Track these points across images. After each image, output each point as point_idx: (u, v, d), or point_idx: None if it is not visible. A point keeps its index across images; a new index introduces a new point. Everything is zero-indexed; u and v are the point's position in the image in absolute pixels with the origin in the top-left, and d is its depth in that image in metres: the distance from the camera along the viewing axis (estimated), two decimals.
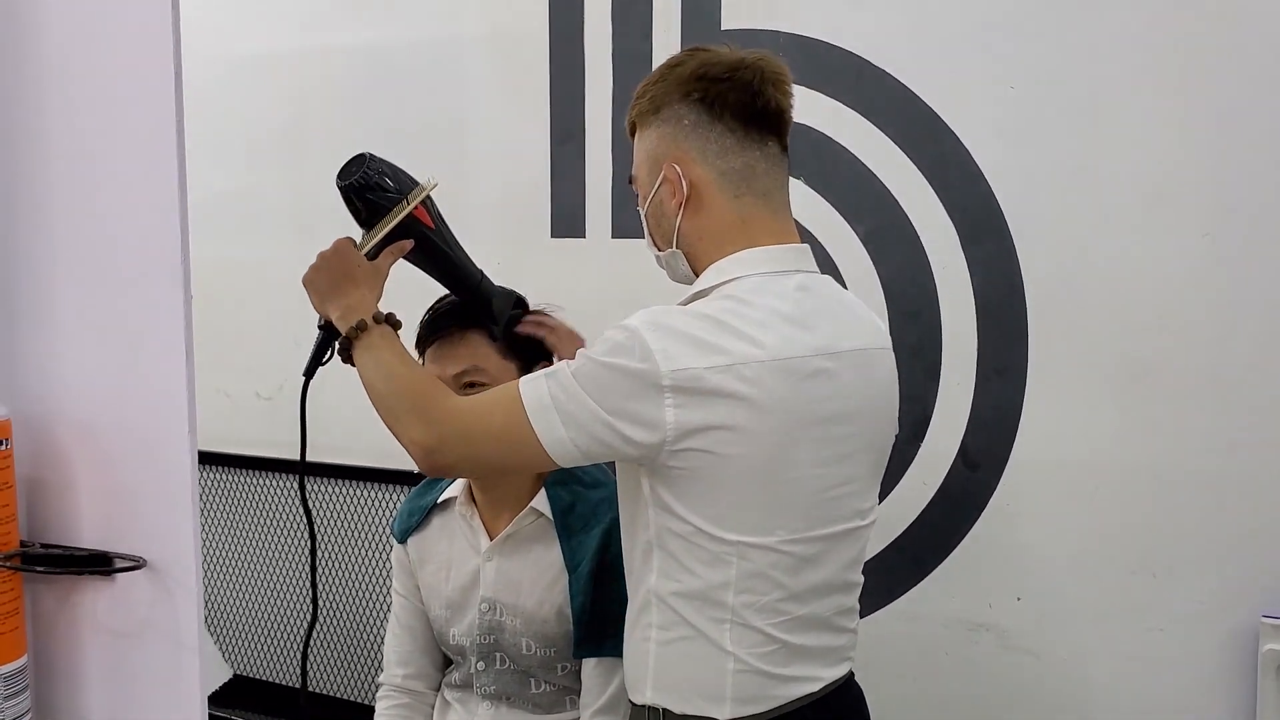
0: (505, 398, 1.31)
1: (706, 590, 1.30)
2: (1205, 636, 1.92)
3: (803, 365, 1.27)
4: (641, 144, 1.41)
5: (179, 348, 1.13)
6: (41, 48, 1.18)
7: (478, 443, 1.33)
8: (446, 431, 1.31)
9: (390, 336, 1.41)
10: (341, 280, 1.43)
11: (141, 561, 1.16)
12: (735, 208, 1.35)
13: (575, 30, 2.36)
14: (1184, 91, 1.88)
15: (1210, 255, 1.88)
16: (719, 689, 1.32)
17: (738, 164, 1.35)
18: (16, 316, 1.22)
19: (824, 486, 1.32)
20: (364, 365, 1.39)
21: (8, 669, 1.17)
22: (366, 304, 1.42)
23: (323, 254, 1.46)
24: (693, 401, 1.23)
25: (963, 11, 2.01)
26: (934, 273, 2.06)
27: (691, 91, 1.35)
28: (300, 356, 2.78)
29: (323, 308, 1.46)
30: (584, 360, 1.27)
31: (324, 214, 2.69)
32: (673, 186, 1.36)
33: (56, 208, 1.19)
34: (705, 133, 1.34)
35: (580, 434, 1.26)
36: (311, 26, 2.71)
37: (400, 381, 1.36)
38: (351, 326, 1.40)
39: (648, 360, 1.23)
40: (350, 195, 1.45)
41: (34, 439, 1.21)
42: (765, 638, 1.32)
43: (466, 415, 1.33)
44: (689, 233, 1.37)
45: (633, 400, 1.24)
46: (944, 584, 2.11)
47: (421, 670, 1.77)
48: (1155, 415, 1.93)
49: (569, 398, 1.26)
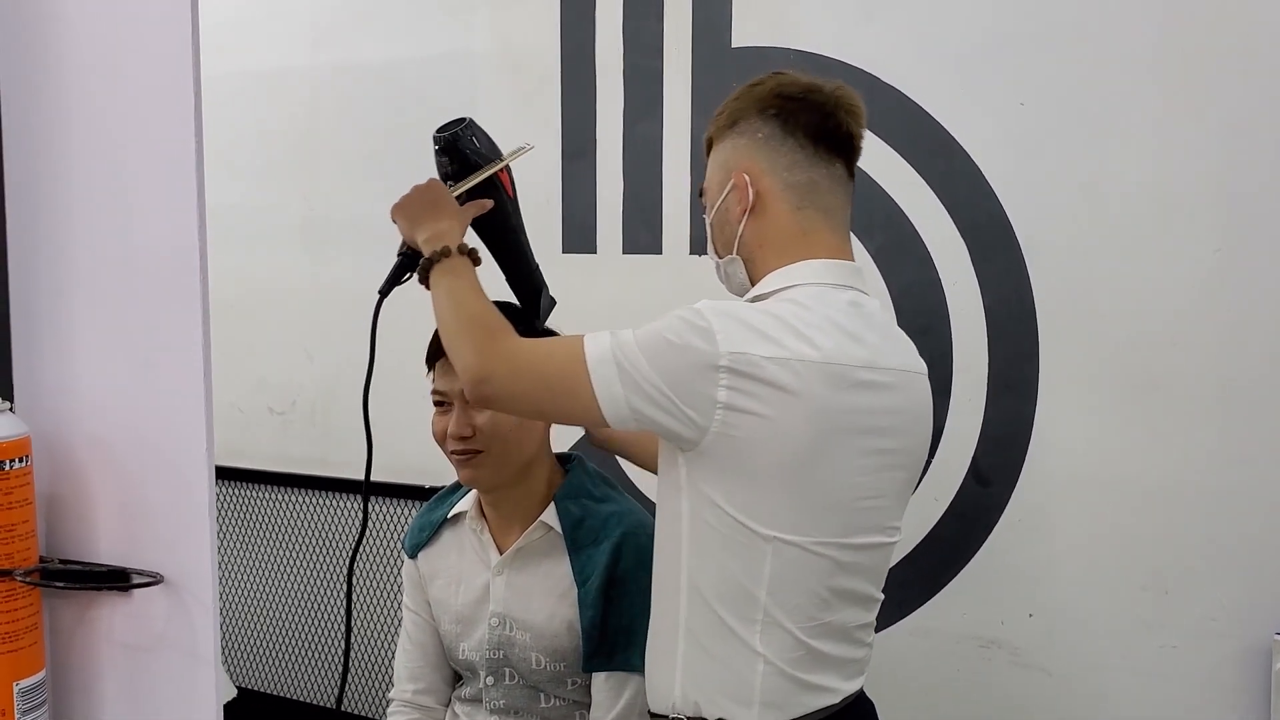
0: (567, 345, 1.34)
1: (739, 584, 1.32)
2: (1218, 653, 1.91)
3: (851, 374, 1.31)
4: (715, 157, 1.48)
5: (196, 364, 1.14)
6: (62, 67, 1.19)
7: (527, 382, 1.36)
8: (500, 365, 1.34)
9: (469, 267, 1.46)
10: (433, 208, 1.50)
11: (159, 577, 1.17)
12: (797, 219, 1.41)
13: (586, 46, 2.37)
14: (1194, 106, 1.88)
15: (1221, 270, 1.87)
16: (748, 691, 1.34)
17: (804, 179, 1.41)
18: (35, 334, 1.23)
19: (857, 496, 1.35)
20: (438, 288, 1.43)
21: (27, 683, 1.17)
22: (454, 234, 1.48)
23: (417, 186, 1.53)
24: (745, 386, 1.26)
25: (972, 27, 2.02)
26: (944, 288, 2.07)
27: (768, 107, 1.42)
28: (313, 371, 2.82)
29: (410, 231, 1.51)
30: (648, 332, 1.31)
31: (336, 228, 2.73)
32: (740, 193, 1.41)
33: (75, 224, 1.20)
34: (777, 146, 1.41)
35: (635, 394, 1.29)
36: (324, 43, 2.72)
37: (468, 309, 1.40)
38: (436, 250, 1.45)
39: (709, 340, 1.27)
40: (447, 146, 1.54)
41: (53, 456, 1.22)
42: (794, 641, 1.34)
43: (524, 354, 1.36)
44: (750, 239, 1.42)
45: (688, 376, 1.27)
46: (956, 600, 2.10)
47: (432, 685, 1.77)
48: (1167, 430, 1.93)
49: (629, 359, 1.30)
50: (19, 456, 1.15)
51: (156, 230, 1.16)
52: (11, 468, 1.14)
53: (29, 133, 1.21)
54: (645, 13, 2.30)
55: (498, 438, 1.60)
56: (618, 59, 2.35)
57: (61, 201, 1.20)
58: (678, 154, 2.30)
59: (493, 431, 1.59)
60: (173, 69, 1.12)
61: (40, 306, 1.22)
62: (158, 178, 1.15)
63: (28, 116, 1.21)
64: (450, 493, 1.79)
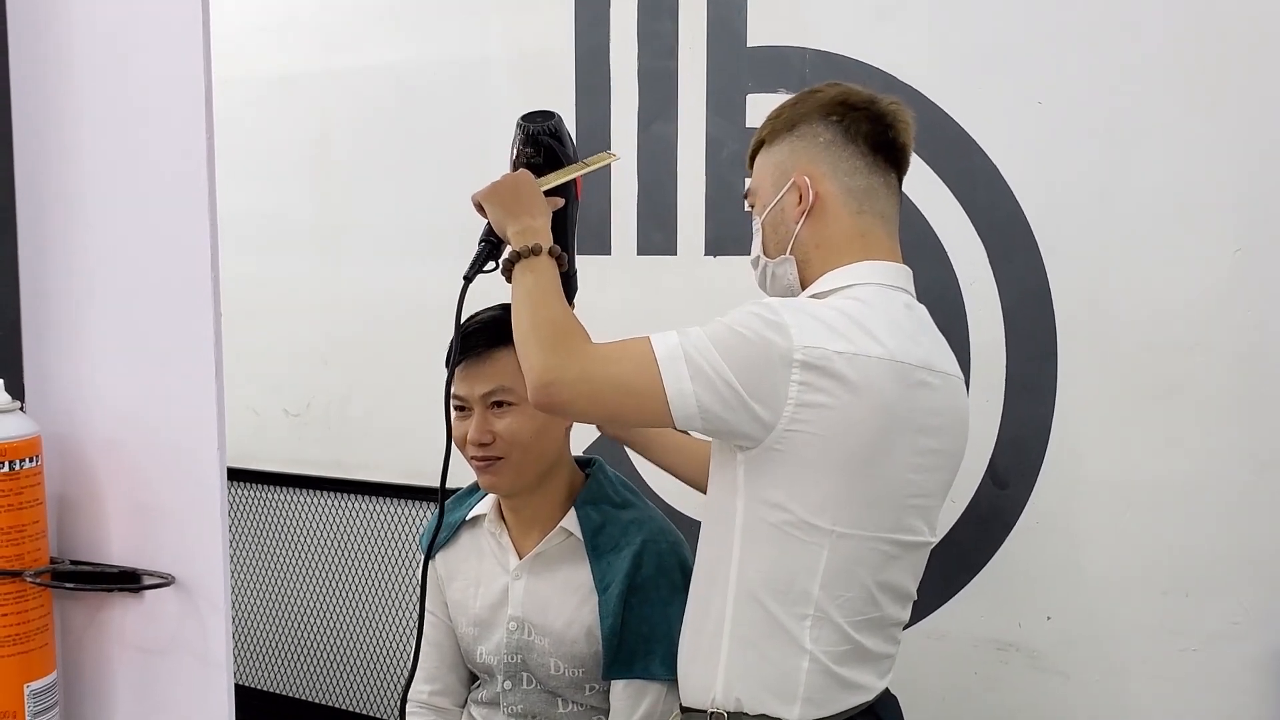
0: (636, 345, 1.34)
1: (793, 580, 1.34)
2: (1238, 657, 1.89)
3: (912, 373, 1.34)
4: (767, 159, 1.49)
5: (208, 365, 1.13)
6: (73, 69, 1.19)
7: (598, 384, 1.35)
8: (570, 368, 1.34)
9: (554, 270, 1.45)
10: (528, 202, 1.49)
11: (170, 579, 1.17)
12: (856, 223, 1.43)
13: (601, 48, 2.36)
14: (1213, 106, 1.86)
15: (1241, 271, 1.86)
16: (792, 688, 1.35)
17: (863, 184, 1.44)
18: (46, 334, 1.23)
19: (909, 493, 1.37)
20: (521, 284, 1.43)
21: (38, 685, 1.17)
22: (545, 232, 1.47)
23: (507, 176, 1.52)
24: (817, 380, 1.28)
25: (989, 26, 2.00)
26: (962, 288, 2.05)
27: (831, 114, 1.45)
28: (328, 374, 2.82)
29: (502, 222, 1.49)
30: (719, 325, 1.32)
31: (350, 232, 2.73)
32: (800, 194, 1.43)
33: (87, 224, 1.20)
34: (839, 151, 1.44)
35: (706, 391, 1.29)
36: (337, 48, 2.73)
37: (547, 311, 1.39)
38: (527, 246, 1.44)
39: (783, 334, 1.28)
40: (537, 135, 1.54)
41: (63, 456, 1.22)
42: (842, 636, 1.36)
43: (595, 357, 1.36)
44: (807, 240, 1.44)
45: (762, 370, 1.29)
46: (973, 603, 2.09)
47: (448, 687, 1.76)
48: (1186, 433, 1.91)
49: (700, 353, 1.30)
50: (29, 456, 1.15)
51: (168, 230, 1.15)
52: (21, 467, 1.14)
53: (41, 135, 1.21)
54: (660, 14, 2.29)
55: (518, 444, 1.59)
56: (632, 60, 2.34)
57: (73, 202, 1.20)
58: (692, 155, 2.29)
59: (512, 438, 1.58)
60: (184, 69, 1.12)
61: (51, 306, 1.22)
62: (169, 179, 1.15)
63: (39, 119, 1.21)
64: (469, 494, 1.78)
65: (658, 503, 1.86)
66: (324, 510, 2.84)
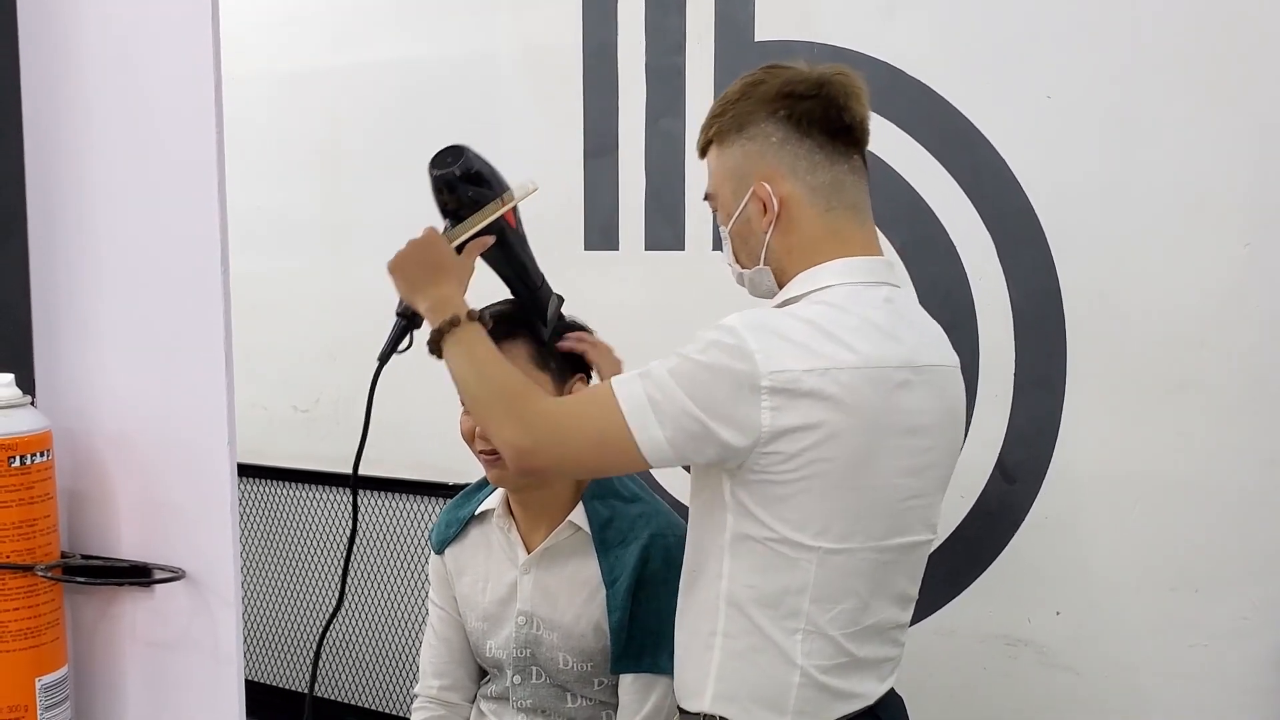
0: (600, 398, 1.31)
1: (782, 595, 1.30)
2: (1248, 652, 1.89)
3: (891, 376, 1.28)
4: (721, 161, 1.41)
5: (219, 361, 1.14)
6: (83, 67, 1.19)
7: (572, 444, 1.32)
8: (541, 433, 1.31)
9: (481, 333, 1.39)
10: (434, 271, 1.42)
11: (181, 573, 1.17)
12: (826, 221, 1.36)
13: (609, 44, 2.36)
14: (1223, 100, 1.86)
15: (1250, 265, 1.85)
16: (782, 701, 1.32)
17: (827, 178, 1.36)
18: (57, 330, 1.23)
19: (901, 497, 1.33)
20: (455, 360, 1.38)
21: (49, 679, 1.18)
22: (458, 299, 1.41)
23: (413, 242, 1.45)
24: (789, 404, 1.23)
25: (998, 21, 2.00)
26: (971, 284, 2.05)
27: (778, 109, 1.35)
28: (336, 370, 2.83)
29: (411, 297, 1.43)
30: (680, 359, 1.27)
31: (358, 229, 2.74)
32: (763, 204, 1.35)
33: (97, 221, 1.20)
34: (794, 149, 1.35)
35: (676, 433, 1.26)
36: (345, 44, 2.73)
37: (494, 381, 1.35)
38: (445, 320, 1.38)
39: (747, 361, 1.23)
40: (444, 185, 1.43)
41: (74, 451, 1.23)
42: (836, 648, 1.32)
43: (560, 416, 1.33)
44: (778, 249, 1.37)
45: (729, 401, 1.24)
46: (982, 598, 2.09)
47: (457, 682, 1.77)
48: (1195, 428, 1.90)
49: (665, 397, 1.26)
50: (40, 451, 1.15)
51: (178, 226, 1.16)
52: (32, 462, 1.15)
53: (51, 132, 1.22)
54: (667, 9, 2.29)
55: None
56: (640, 56, 2.34)
57: (83, 198, 1.21)
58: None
59: None
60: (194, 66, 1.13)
61: (62, 302, 1.22)
62: (179, 175, 1.15)
63: (50, 116, 1.22)
64: (477, 489, 1.78)
65: (664, 497, 1.86)
66: (332, 506, 2.85)
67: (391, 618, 2.80)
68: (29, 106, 1.22)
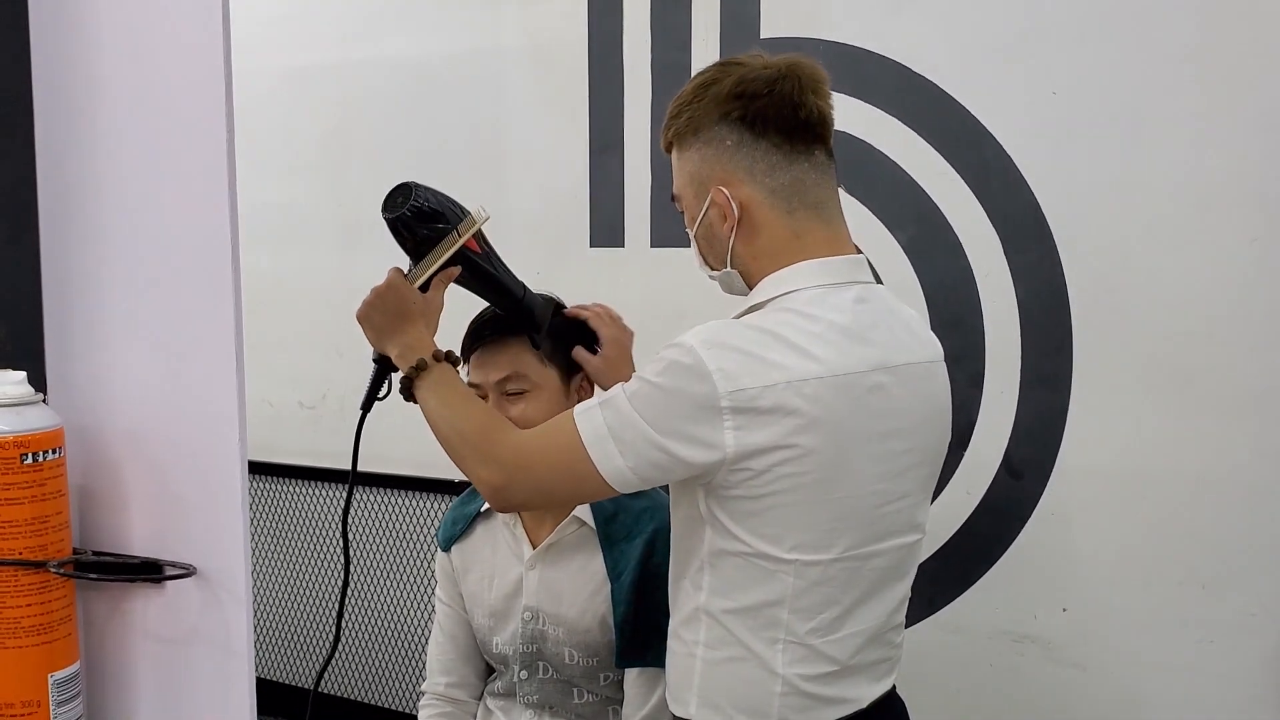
0: (562, 430, 1.29)
1: (760, 607, 1.29)
2: (1254, 649, 1.89)
3: (860, 380, 1.25)
4: (682, 164, 1.37)
5: (229, 357, 1.14)
6: (94, 63, 1.19)
7: (542, 478, 1.32)
8: (512, 470, 1.32)
9: (451, 374, 1.41)
10: (398, 318, 1.43)
11: (192, 569, 1.17)
12: (789, 223, 1.31)
13: (614, 40, 2.37)
14: (1229, 96, 1.86)
15: (1257, 260, 1.85)
16: (765, 709, 1.30)
17: (786, 179, 1.31)
18: (68, 327, 1.23)
19: (881, 501, 1.30)
20: (427, 403, 1.39)
21: (61, 675, 1.18)
22: (424, 341, 1.42)
23: (376, 290, 1.45)
24: (752, 422, 1.21)
25: (1004, 17, 2.00)
26: (977, 280, 2.05)
27: (731, 111, 1.31)
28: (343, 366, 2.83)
29: (380, 344, 1.45)
30: (639, 383, 1.25)
31: (366, 225, 2.74)
32: (722, 210, 1.32)
33: (108, 218, 1.20)
34: (750, 151, 1.31)
35: (639, 461, 1.25)
36: (352, 40, 2.73)
37: (464, 422, 1.36)
38: (412, 366, 1.40)
39: (705, 381, 1.20)
40: (399, 227, 1.43)
41: (86, 448, 1.23)
42: (819, 657, 1.30)
43: (529, 451, 1.33)
44: (743, 253, 1.34)
45: (690, 423, 1.22)
46: (988, 595, 2.09)
47: (464, 678, 1.77)
48: (1202, 423, 1.91)
49: (625, 425, 1.25)
50: (52, 448, 1.16)
51: (189, 222, 1.16)
52: (44, 459, 1.15)
53: (62, 127, 1.22)
54: (673, 5, 2.29)
55: None
56: (645, 52, 2.34)
57: (94, 194, 1.21)
58: None
59: (526, 425, 1.58)
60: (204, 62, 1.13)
61: (74, 299, 1.23)
62: (190, 170, 1.15)
63: (60, 111, 1.22)
64: None
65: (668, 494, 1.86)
66: (338, 502, 2.85)
67: (398, 615, 2.80)
68: (40, 103, 1.22)
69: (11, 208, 1.23)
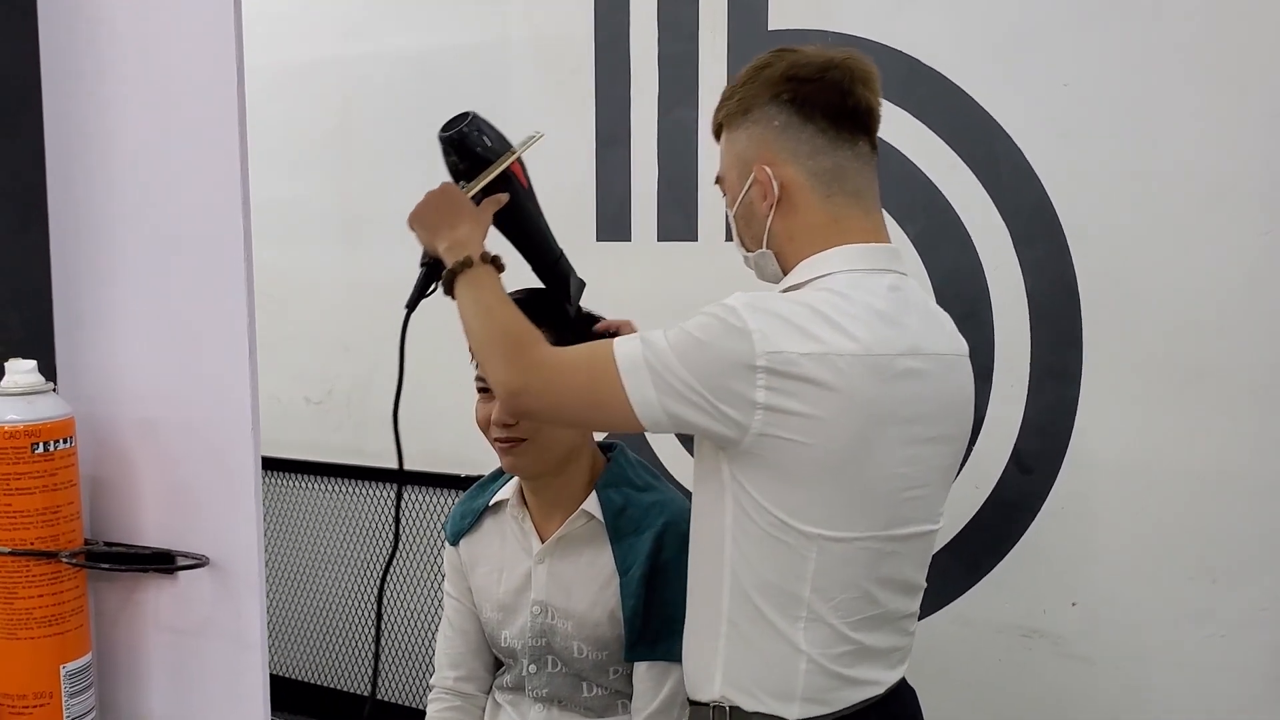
0: (598, 353, 1.31)
1: (783, 583, 1.30)
2: (1265, 643, 1.89)
3: (892, 364, 1.27)
4: (730, 146, 1.41)
5: (242, 347, 1.13)
6: (107, 57, 1.19)
7: (562, 393, 1.33)
8: (534, 378, 1.32)
9: (493, 276, 1.42)
10: (451, 215, 1.45)
11: (204, 560, 1.17)
12: (827, 207, 1.35)
13: (620, 33, 2.36)
14: (1240, 89, 1.85)
15: (1268, 254, 1.85)
16: (790, 688, 1.31)
17: (829, 164, 1.34)
18: (80, 317, 1.23)
19: (902, 486, 1.31)
20: (464, 300, 1.40)
21: (73, 666, 1.17)
22: (475, 241, 1.43)
23: (431, 192, 1.48)
24: (784, 385, 1.23)
25: (1014, 9, 1.99)
26: (986, 274, 2.05)
27: (781, 93, 1.35)
28: (348, 361, 2.83)
29: (430, 241, 1.46)
30: (680, 333, 1.27)
31: (370, 219, 2.74)
32: (764, 188, 1.35)
33: (121, 210, 1.20)
34: (796, 134, 1.34)
35: (670, 398, 1.26)
36: (356, 33, 2.73)
37: (497, 322, 1.37)
38: (458, 261, 1.41)
39: (745, 340, 1.22)
40: (451, 146, 1.48)
41: (97, 438, 1.22)
42: (839, 636, 1.31)
43: (557, 366, 1.33)
44: (780, 233, 1.37)
45: (724, 377, 1.24)
46: (997, 589, 2.09)
47: (473, 672, 1.77)
48: (1212, 417, 1.90)
49: (662, 363, 1.26)
50: (63, 438, 1.15)
51: (200, 211, 1.15)
52: (56, 449, 1.14)
53: (72, 118, 1.21)
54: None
55: (541, 426, 1.59)
56: (652, 44, 2.34)
57: (104, 183, 1.20)
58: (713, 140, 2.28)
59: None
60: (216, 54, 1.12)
61: (84, 289, 1.22)
62: (201, 159, 1.15)
63: (71, 103, 1.21)
64: (491, 480, 1.78)
65: (677, 487, 1.86)
66: (345, 498, 2.85)
67: (406, 609, 2.80)
68: (50, 95, 1.22)
69: (22, 196, 1.23)
